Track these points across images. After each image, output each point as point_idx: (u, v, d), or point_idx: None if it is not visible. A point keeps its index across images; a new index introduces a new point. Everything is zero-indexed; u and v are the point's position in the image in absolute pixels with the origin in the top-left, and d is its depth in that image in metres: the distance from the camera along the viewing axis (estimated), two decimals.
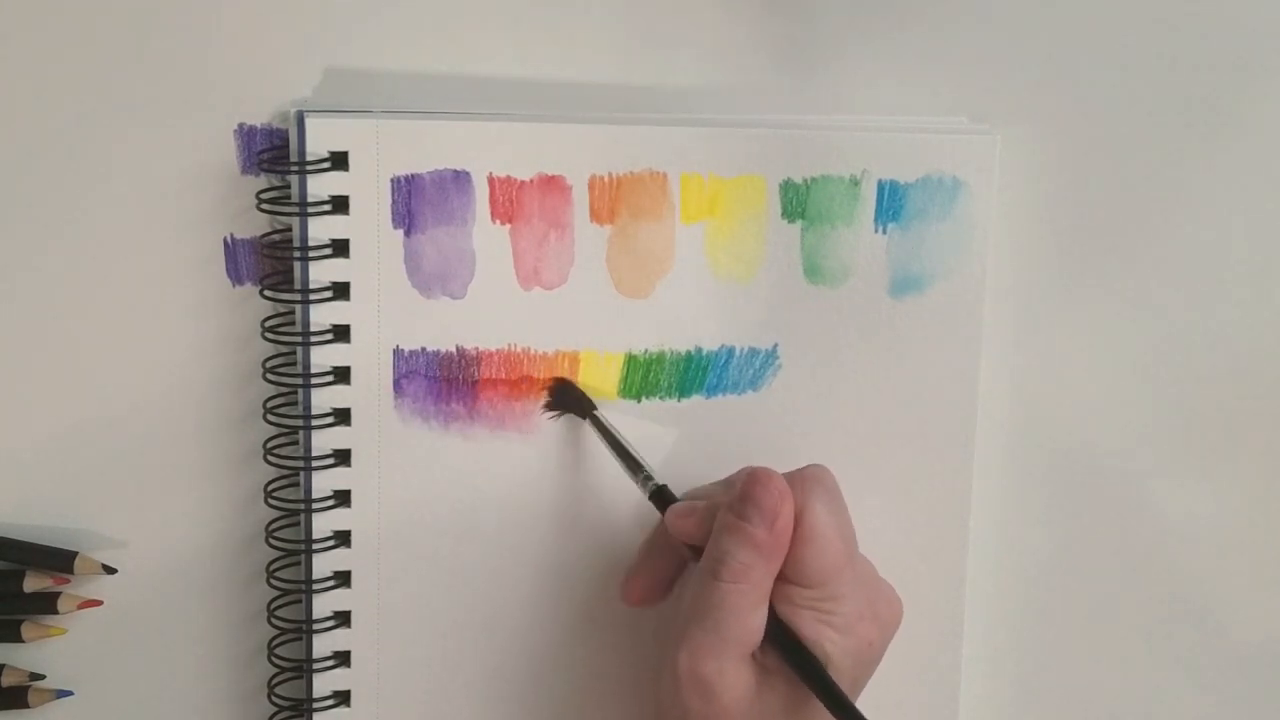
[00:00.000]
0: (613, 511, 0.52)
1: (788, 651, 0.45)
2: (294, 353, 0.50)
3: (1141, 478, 0.56)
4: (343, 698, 0.52)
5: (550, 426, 0.51)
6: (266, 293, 0.51)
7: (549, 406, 0.52)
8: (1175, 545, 0.57)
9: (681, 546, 0.48)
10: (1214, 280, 0.56)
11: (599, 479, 0.52)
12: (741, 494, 0.46)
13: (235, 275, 0.51)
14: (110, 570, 0.51)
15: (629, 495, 0.52)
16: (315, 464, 0.50)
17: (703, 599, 0.45)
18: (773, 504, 0.45)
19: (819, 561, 0.45)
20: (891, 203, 0.52)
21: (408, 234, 0.50)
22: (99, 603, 0.52)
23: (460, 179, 0.50)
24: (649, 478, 0.49)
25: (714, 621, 0.45)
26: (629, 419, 0.52)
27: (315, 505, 0.50)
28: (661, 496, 0.49)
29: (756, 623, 0.45)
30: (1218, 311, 0.56)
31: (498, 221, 0.50)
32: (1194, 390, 0.56)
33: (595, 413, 0.51)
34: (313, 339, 0.50)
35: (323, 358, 0.50)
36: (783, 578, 0.46)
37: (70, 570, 0.51)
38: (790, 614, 0.45)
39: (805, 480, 0.46)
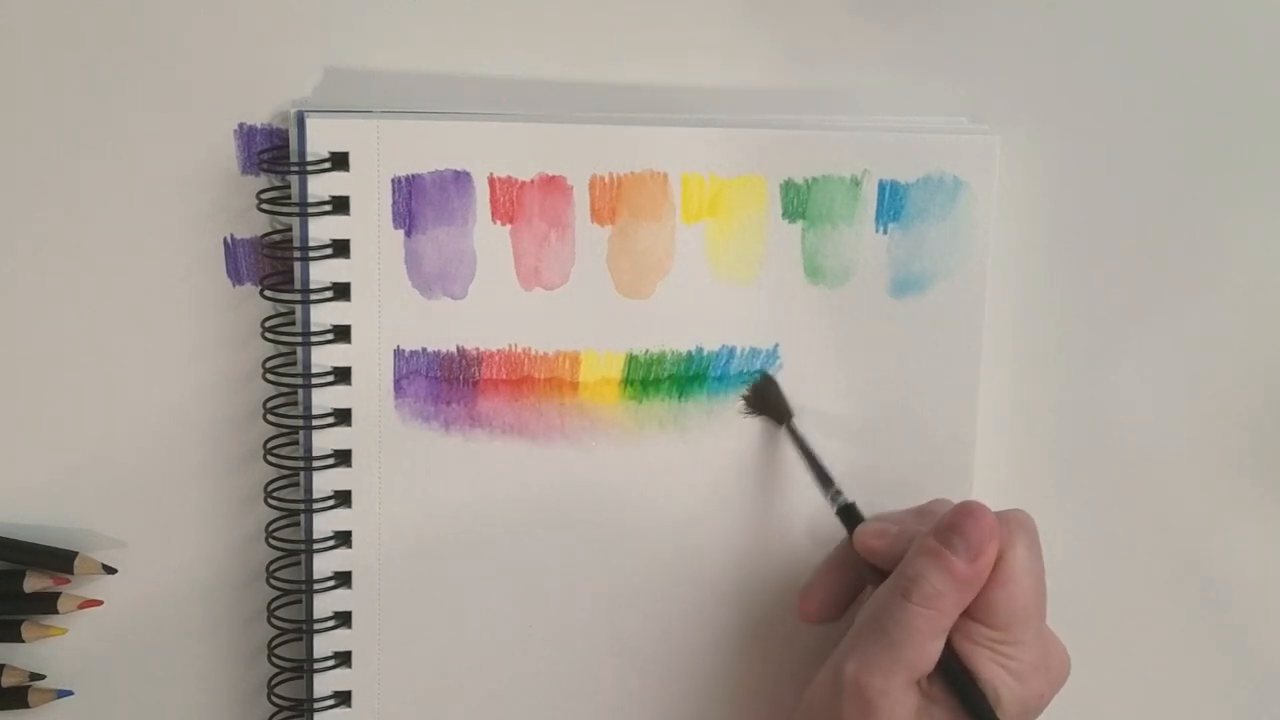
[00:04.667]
0: (612, 512, 0.52)
1: (958, 686, 0.45)
2: (294, 353, 0.50)
3: (1142, 477, 0.56)
4: (343, 698, 0.52)
5: (548, 426, 0.51)
6: (266, 293, 0.51)
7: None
8: (1176, 543, 0.57)
9: (864, 567, 0.48)
10: (1215, 280, 0.56)
11: (597, 479, 0.52)
12: (949, 523, 0.45)
13: (235, 275, 0.51)
14: (110, 570, 0.51)
15: (628, 496, 0.52)
16: (315, 464, 0.50)
17: (885, 614, 0.45)
18: (980, 539, 0.45)
19: (1011, 605, 0.45)
20: (892, 203, 0.52)
21: (408, 234, 0.50)
22: (99, 603, 0.52)
23: (461, 179, 0.50)
24: (839, 493, 0.50)
25: (891, 639, 0.45)
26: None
27: (315, 505, 0.50)
28: (849, 514, 0.49)
29: (933, 651, 0.45)
30: (1219, 312, 0.56)
31: (498, 222, 0.50)
32: (1195, 389, 0.56)
33: (791, 421, 0.52)
34: (313, 339, 0.50)
35: (323, 358, 0.50)
36: (968, 614, 0.45)
37: (70, 570, 0.51)
38: (968, 651, 0.45)
39: (1009, 522, 0.46)
